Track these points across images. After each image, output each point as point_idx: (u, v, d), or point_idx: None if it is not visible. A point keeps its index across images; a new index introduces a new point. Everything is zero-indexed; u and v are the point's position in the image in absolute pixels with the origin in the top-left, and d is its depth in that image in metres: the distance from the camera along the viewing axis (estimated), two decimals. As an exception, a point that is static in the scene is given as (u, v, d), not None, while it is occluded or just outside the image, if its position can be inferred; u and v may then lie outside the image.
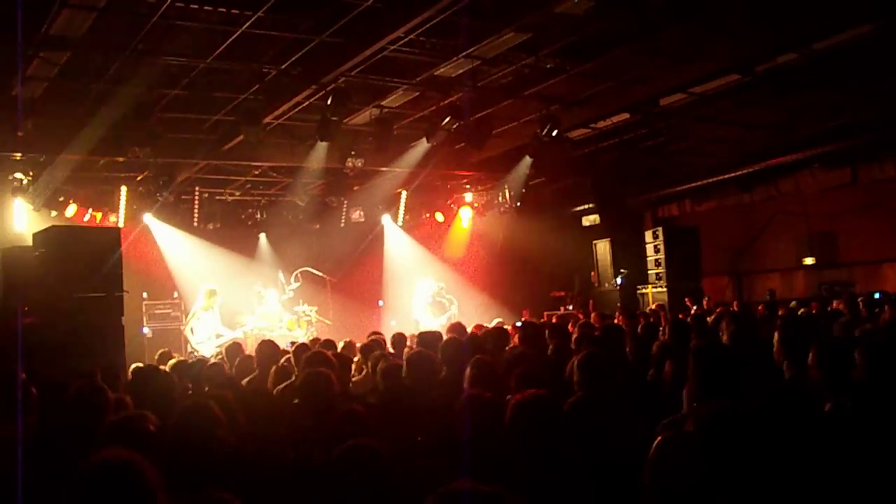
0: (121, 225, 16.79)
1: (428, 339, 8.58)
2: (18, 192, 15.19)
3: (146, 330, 17.75)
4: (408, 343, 10.32)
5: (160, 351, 12.17)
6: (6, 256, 12.60)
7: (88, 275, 10.63)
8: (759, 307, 14.29)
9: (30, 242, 12.30)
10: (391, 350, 9.91)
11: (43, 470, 4.13)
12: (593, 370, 5.55)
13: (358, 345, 10.68)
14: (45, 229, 11.98)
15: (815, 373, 5.00)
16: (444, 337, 8.46)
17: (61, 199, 16.11)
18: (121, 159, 14.52)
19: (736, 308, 13.96)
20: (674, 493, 3.14)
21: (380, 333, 11.31)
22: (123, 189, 17.11)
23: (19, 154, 14.09)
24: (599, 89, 13.63)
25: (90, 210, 16.96)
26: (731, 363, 4.95)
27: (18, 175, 14.80)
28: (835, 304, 12.64)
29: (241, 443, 4.79)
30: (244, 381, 8.43)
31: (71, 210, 16.44)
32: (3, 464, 4.61)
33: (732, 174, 18.31)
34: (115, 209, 17.21)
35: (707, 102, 14.50)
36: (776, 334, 6.12)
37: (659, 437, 3.34)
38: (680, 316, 12.73)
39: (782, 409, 4.73)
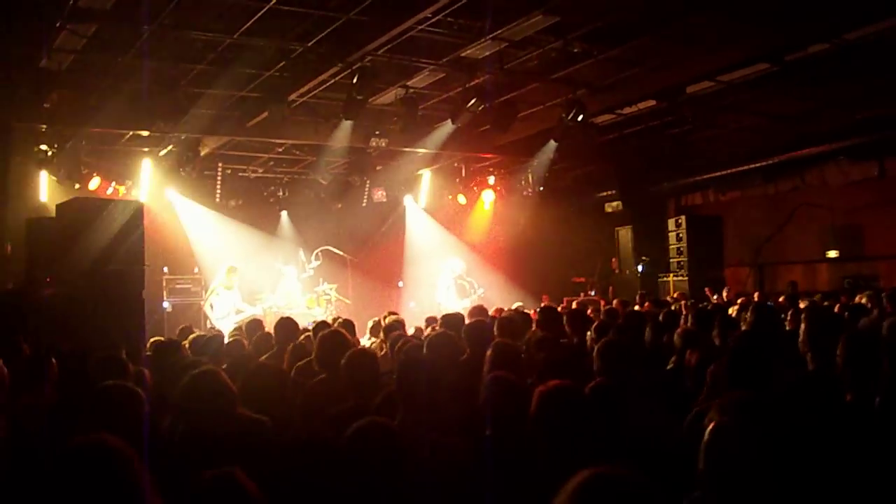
0: (143, 199, 16.82)
1: (452, 321, 8.56)
2: (43, 164, 15.23)
3: (166, 304, 17.79)
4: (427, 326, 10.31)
5: (181, 326, 12.20)
6: (31, 227, 12.65)
7: (110, 248, 10.63)
8: (780, 298, 14.19)
9: (53, 214, 12.34)
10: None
11: (61, 441, 4.12)
12: (613, 357, 5.52)
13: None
14: (69, 201, 12.00)
15: (841, 366, 4.94)
16: (468, 320, 8.45)
17: (85, 171, 16.14)
18: (145, 133, 14.55)
19: (757, 299, 13.86)
20: (731, 478, 3.11)
21: (396, 313, 11.31)
22: (147, 163, 17.14)
23: (45, 126, 14.10)
24: (626, 75, 13.53)
25: (113, 183, 17.00)
26: (760, 353, 4.90)
27: (43, 147, 14.83)
28: (858, 298, 12.54)
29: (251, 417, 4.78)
30: (262, 358, 8.43)
31: (94, 183, 16.47)
32: (27, 432, 4.64)
33: (757, 164, 18.13)
34: (139, 183, 17.26)
35: (734, 91, 14.38)
36: (802, 326, 6.07)
37: (713, 423, 3.30)
38: (702, 305, 12.66)
39: (808, 399, 4.69)
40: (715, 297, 15.75)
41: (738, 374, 4.79)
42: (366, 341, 10.48)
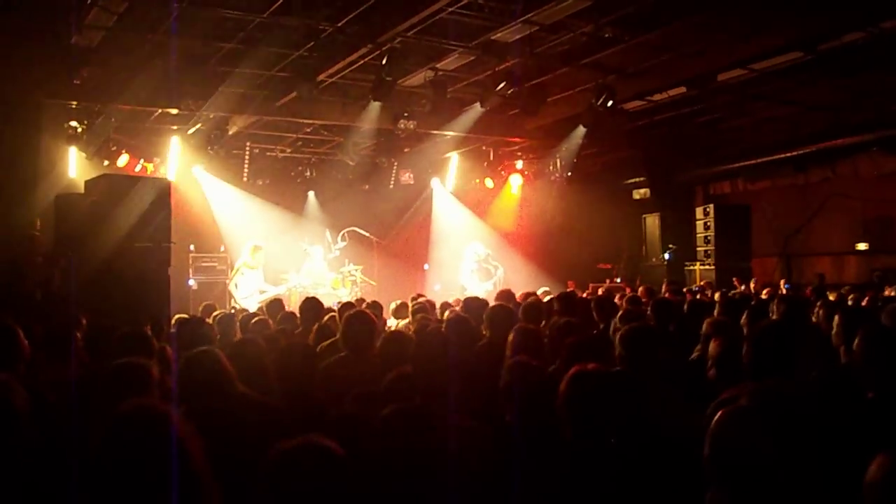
0: (171, 177, 16.89)
1: (473, 305, 8.54)
2: (73, 140, 15.32)
3: (192, 282, 17.89)
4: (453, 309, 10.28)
5: (205, 303, 12.25)
6: (59, 203, 12.72)
7: (137, 224, 10.67)
8: (807, 290, 14.09)
9: (82, 190, 12.40)
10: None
11: (86, 414, 4.14)
12: (637, 345, 5.48)
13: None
14: (97, 178, 12.06)
15: (859, 359, 4.88)
16: (491, 303, 8.41)
17: (114, 148, 16.20)
18: (174, 111, 14.58)
19: (784, 290, 13.77)
20: (735, 465, 3.10)
21: (423, 295, 11.31)
22: (175, 140, 17.20)
23: (75, 102, 14.16)
24: (657, 61, 13.46)
25: (142, 160, 17.06)
26: (789, 343, 4.85)
27: (73, 123, 14.91)
28: (887, 292, 12.44)
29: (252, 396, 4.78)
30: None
31: (123, 160, 16.54)
32: (51, 405, 4.66)
33: (788, 154, 17.98)
34: (167, 160, 17.33)
35: (767, 79, 14.26)
36: (836, 319, 6.02)
37: (721, 411, 3.28)
38: (730, 295, 12.58)
39: (834, 391, 4.65)
40: (742, 286, 15.66)
41: (761, 365, 4.75)
42: (391, 323, 10.47)
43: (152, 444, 2.78)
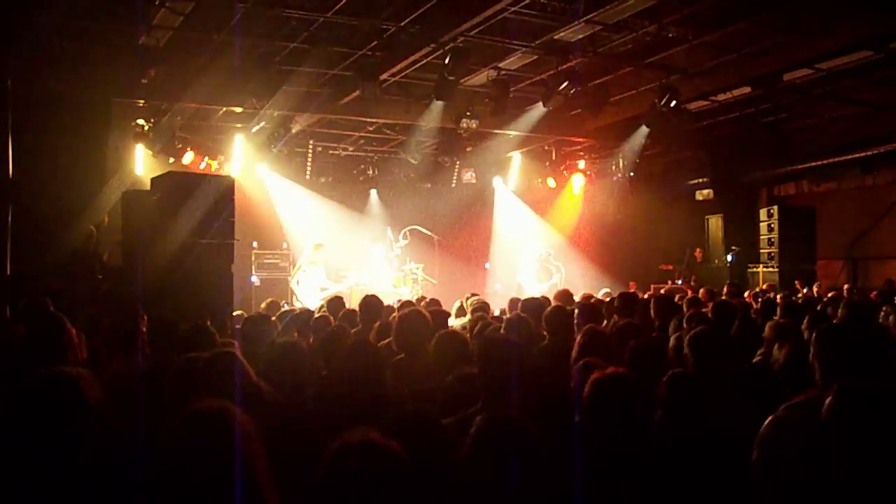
0: (235, 174, 17.07)
1: (532, 305, 8.51)
2: (140, 138, 15.58)
3: (254, 279, 18.05)
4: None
5: (269, 300, 12.35)
6: (126, 200, 12.92)
7: (201, 221, 10.79)
8: (873, 294, 13.84)
9: (148, 187, 12.58)
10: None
11: (149, 407, 4.21)
12: (705, 348, 5.44)
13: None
14: (162, 175, 12.21)
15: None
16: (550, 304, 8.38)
17: (179, 146, 16.45)
18: (238, 109, 14.73)
19: (847, 293, 13.53)
20: (784, 471, 3.07)
21: (476, 294, 11.31)
22: (239, 139, 17.39)
23: (142, 101, 14.38)
24: (722, 61, 13.34)
25: (206, 158, 17.29)
26: (860, 348, 4.78)
27: (140, 121, 15.14)
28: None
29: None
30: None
31: (188, 157, 16.77)
32: (120, 398, 4.75)
33: (855, 155, 17.65)
34: (231, 158, 17.53)
35: (834, 79, 14.05)
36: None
37: (770, 417, 3.26)
38: (793, 298, 12.41)
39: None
40: (805, 290, 15.44)
41: (832, 370, 4.67)
42: (453, 322, 10.47)
43: (214, 443, 2.85)
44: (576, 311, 7.83)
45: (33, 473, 3.12)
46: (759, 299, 11.26)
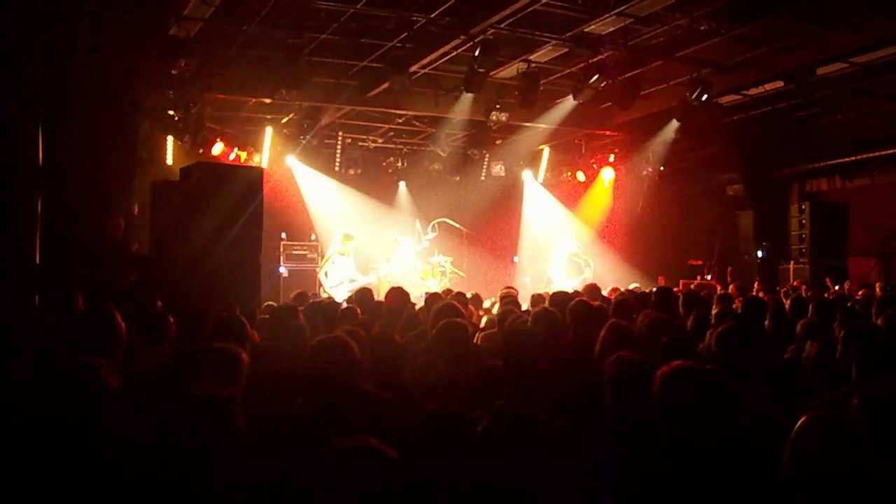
0: (264, 165, 17.14)
1: (560, 299, 8.45)
2: (170, 129, 15.64)
3: (283, 269, 18.10)
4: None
5: (297, 291, 12.37)
6: (155, 190, 12.99)
7: (230, 212, 10.82)
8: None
9: (178, 177, 12.64)
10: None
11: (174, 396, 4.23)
12: (733, 345, 5.39)
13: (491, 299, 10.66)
14: (191, 165, 12.26)
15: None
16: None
17: (209, 136, 16.49)
18: (268, 101, 14.75)
19: (879, 291, 13.39)
20: (816, 472, 3.03)
21: (512, 288, 11.27)
22: (269, 130, 17.47)
23: (172, 91, 14.43)
24: (754, 55, 13.18)
25: (235, 149, 17.35)
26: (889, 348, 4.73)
27: (170, 112, 15.19)
28: None
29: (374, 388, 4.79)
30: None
31: (217, 148, 16.83)
32: (144, 386, 4.77)
33: (889, 151, 17.48)
34: (260, 149, 17.61)
35: (868, 73, 13.88)
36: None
37: (804, 416, 3.22)
38: (825, 295, 12.29)
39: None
40: (836, 287, 15.30)
41: (867, 369, 4.61)
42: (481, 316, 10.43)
43: (210, 429, 2.89)
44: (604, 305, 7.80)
45: (54, 460, 3.15)
46: (790, 296, 11.13)
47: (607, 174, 21.52)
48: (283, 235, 18.37)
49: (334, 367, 4.56)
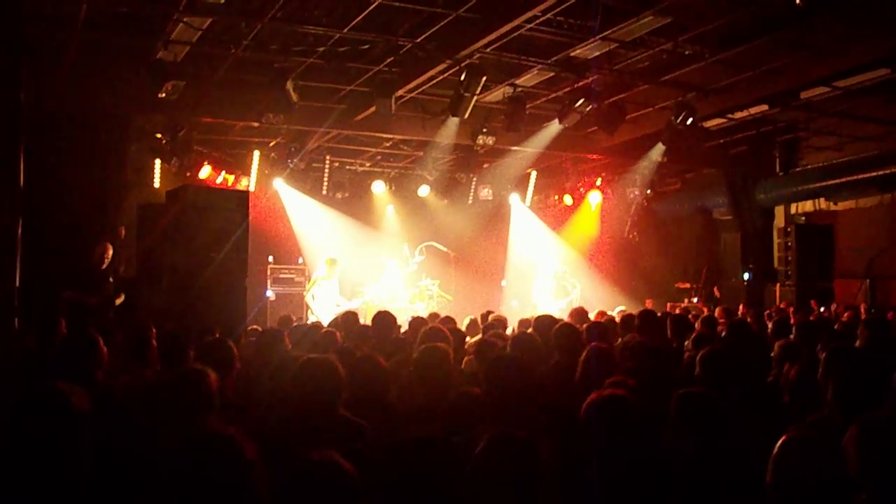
0: (252, 189, 17.17)
1: (545, 323, 8.45)
2: (157, 152, 15.64)
3: (270, 293, 18.09)
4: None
5: (281, 315, 12.38)
6: (142, 212, 13.01)
7: (215, 235, 10.85)
8: (889, 314, 13.74)
9: (164, 200, 12.66)
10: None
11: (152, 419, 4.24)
12: (715, 368, 5.42)
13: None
14: (177, 188, 12.31)
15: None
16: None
17: (196, 160, 16.50)
18: (255, 124, 14.78)
19: (864, 313, 13.43)
20: (798, 492, 3.05)
21: (492, 312, 11.27)
22: (256, 154, 17.51)
23: (160, 115, 14.45)
24: (738, 79, 13.28)
25: (223, 172, 17.38)
26: (874, 369, 4.74)
27: (158, 135, 15.20)
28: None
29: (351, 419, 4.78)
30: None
31: (205, 171, 16.86)
32: (121, 407, 4.78)
33: (873, 173, 17.53)
34: (247, 173, 17.63)
35: (851, 97, 13.98)
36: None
37: (784, 436, 3.25)
38: (810, 318, 12.32)
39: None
40: (822, 309, 15.34)
41: (845, 393, 4.63)
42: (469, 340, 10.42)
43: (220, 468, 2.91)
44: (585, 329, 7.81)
45: (27, 482, 3.17)
46: (772, 318, 11.14)
47: (594, 198, 21.60)
48: (271, 259, 18.38)
49: (316, 388, 4.57)
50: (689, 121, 13.58)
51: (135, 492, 3.46)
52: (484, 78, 12.19)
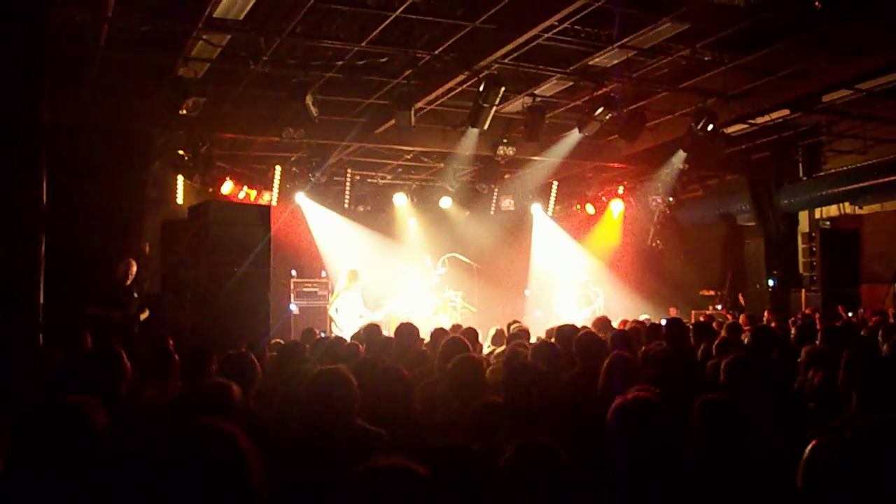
0: (274, 203, 17.25)
1: (566, 332, 8.43)
2: (180, 168, 15.75)
3: (294, 307, 18.14)
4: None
5: (304, 329, 12.41)
6: (165, 228, 13.08)
7: (238, 250, 10.90)
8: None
9: (187, 216, 12.73)
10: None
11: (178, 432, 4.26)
12: (742, 374, 5.40)
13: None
14: (200, 204, 12.38)
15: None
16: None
17: (218, 175, 16.60)
18: (276, 139, 14.85)
19: (892, 318, 13.30)
20: (829, 498, 3.03)
21: (516, 322, 11.26)
22: (278, 168, 17.60)
23: (182, 131, 14.54)
24: (758, 83, 13.22)
25: (245, 187, 17.48)
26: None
27: (180, 151, 15.31)
28: None
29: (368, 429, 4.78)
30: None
31: (227, 187, 16.96)
32: (143, 422, 4.81)
33: (898, 176, 17.45)
34: (269, 187, 17.73)
35: (874, 99, 13.89)
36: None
37: (814, 441, 3.22)
38: (837, 324, 12.21)
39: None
40: (849, 314, 15.21)
41: (870, 399, 4.59)
42: (487, 349, 10.42)
43: (214, 461, 2.91)
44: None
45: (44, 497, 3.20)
46: (797, 325, 11.06)
47: (616, 206, 21.58)
48: (294, 273, 18.43)
49: (329, 397, 4.58)
50: (710, 127, 13.51)
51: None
52: (503, 88, 12.19)
